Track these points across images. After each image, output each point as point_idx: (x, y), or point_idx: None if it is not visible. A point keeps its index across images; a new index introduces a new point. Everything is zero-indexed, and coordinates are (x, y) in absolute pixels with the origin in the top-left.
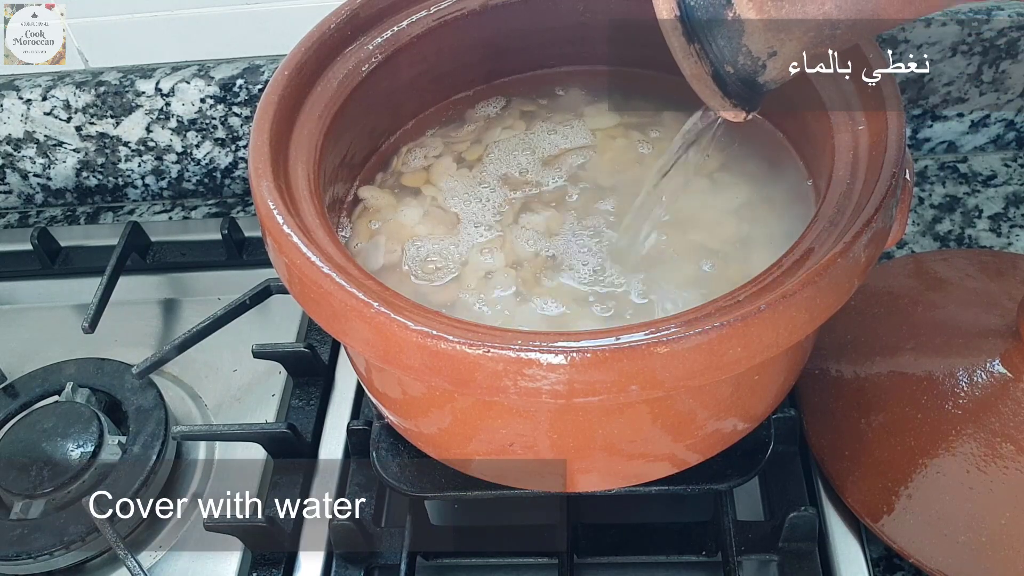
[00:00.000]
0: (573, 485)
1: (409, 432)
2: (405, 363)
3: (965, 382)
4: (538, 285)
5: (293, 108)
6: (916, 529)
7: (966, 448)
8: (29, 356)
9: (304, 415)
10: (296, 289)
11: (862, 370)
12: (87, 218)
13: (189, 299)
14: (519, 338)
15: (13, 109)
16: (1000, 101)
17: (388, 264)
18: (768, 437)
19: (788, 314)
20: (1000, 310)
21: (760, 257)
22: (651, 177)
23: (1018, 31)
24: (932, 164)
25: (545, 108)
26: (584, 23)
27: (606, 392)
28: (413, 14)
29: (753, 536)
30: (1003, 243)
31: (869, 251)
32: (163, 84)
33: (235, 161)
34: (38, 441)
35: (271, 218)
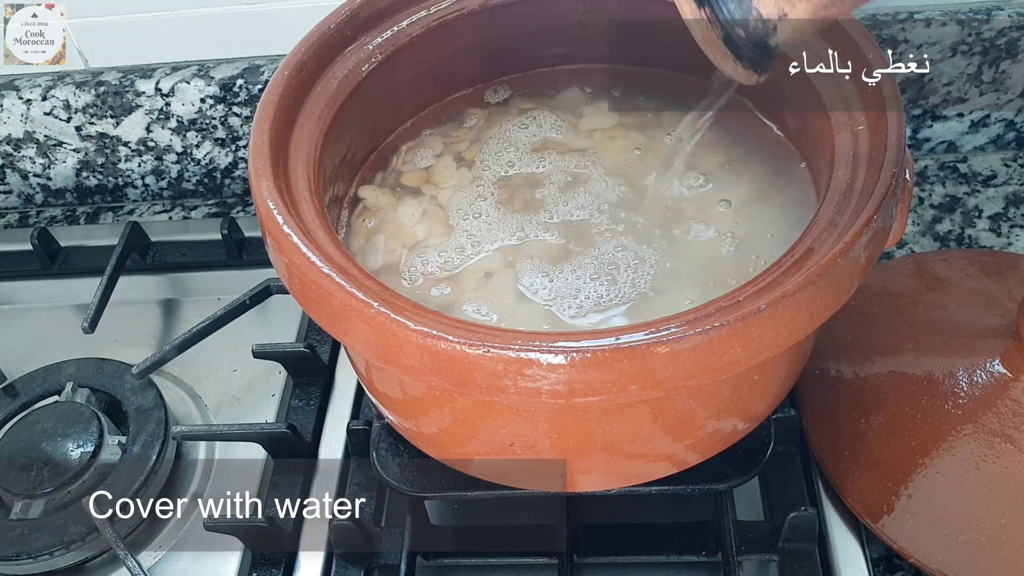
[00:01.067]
0: (573, 485)
1: (409, 432)
2: (405, 363)
3: (965, 382)
4: (539, 286)
5: (293, 108)
6: (916, 529)
7: (966, 448)
8: (29, 356)
9: (304, 415)
10: (296, 289)
11: (862, 370)
12: (87, 218)
13: (189, 299)
14: (519, 338)
15: (13, 109)
16: (1000, 101)
17: (387, 264)
18: (768, 437)
19: (788, 314)
20: (1000, 310)
21: (760, 257)
22: (659, 165)
23: (1018, 31)
24: (932, 164)
25: (545, 107)
26: (584, 23)
27: (606, 392)
28: (413, 14)
29: (753, 536)
30: (1003, 243)
31: (869, 251)
32: (163, 84)
33: (235, 161)
34: (38, 441)
35: (271, 218)
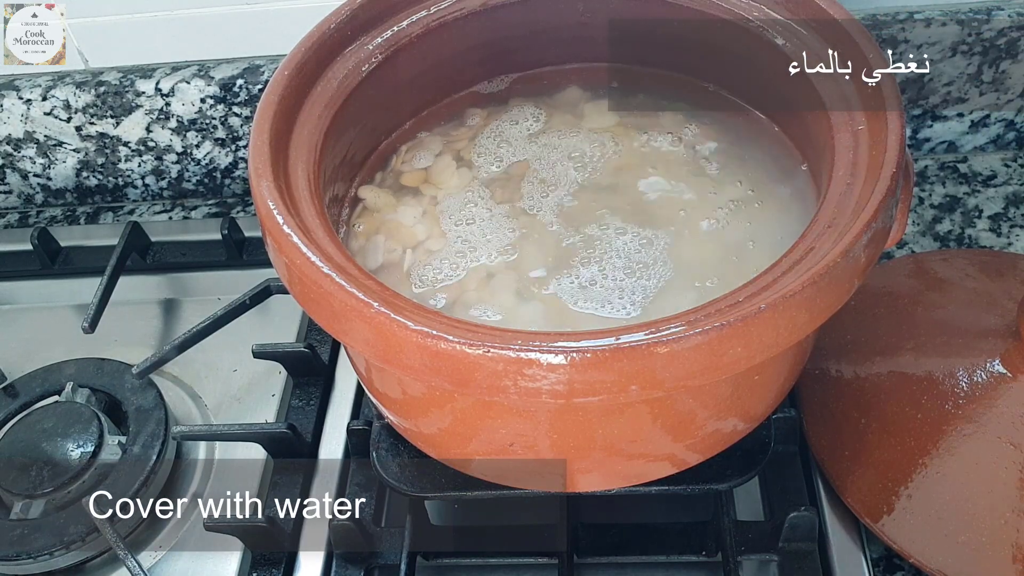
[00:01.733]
0: (573, 485)
1: (409, 432)
2: (405, 363)
3: (965, 382)
4: (540, 287)
5: (293, 108)
6: (916, 529)
7: (966, 448)
8: (29, 356)
9: (304, 415)
10: (296, 289)
11: (862, 370)
12: (87, 218)
13: (189, 299)
14: (519, 338)
15: (13, 109)
16: (1000, 101)
17: (387, 263)
18: (768, 437)
19: (788, 314)
20: (1000, 310)
21: (760, 257)
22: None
23: (1018, 31)
24: (932, 164)
25: (545, 106)
26: (584, 22)
27: (606, 392)
28: (413, 14)
29: (753, 536)
30: (1003, 243)
31: (869, 251)
32: (163, 84)
33: (235, 161)
34: (38, 441)
35: (271, 218)
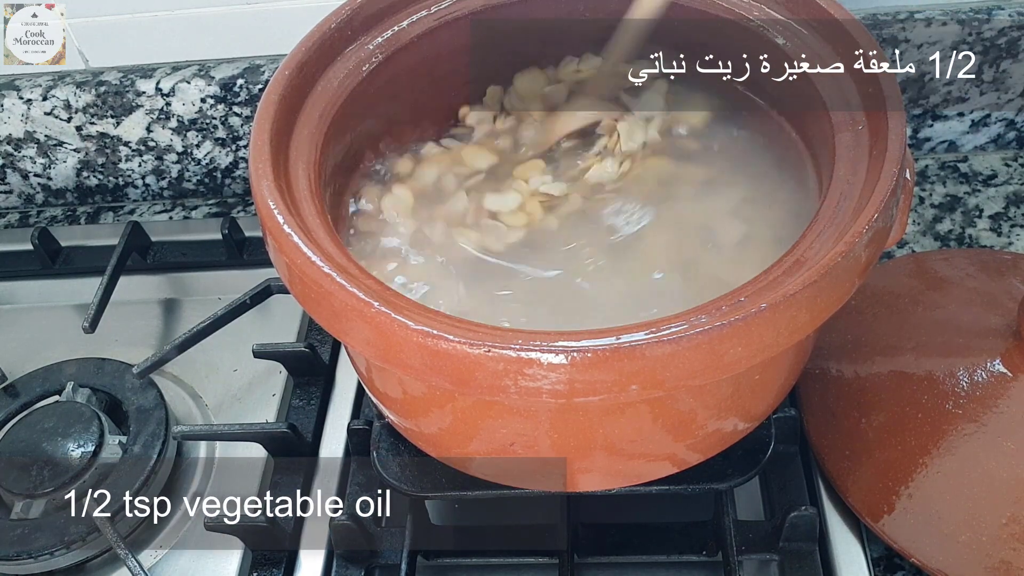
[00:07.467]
0: (573, 485)
1: (409, 432)
2: (405, 363)
3: (965, 382)
4: (541, 281)
5: (293, 108)
6: (916, 529)
7: (966, 448)
8: (29, 356)
9: (304, 415)
10: (296, 289)
11: (862, 370)
12: (87, 218)
13: (189, 299)
14: (519, 337)
15: (13, 109)
16: (1001, 101)
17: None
18: (768, 437)
19: (789, 314)
20: (1000, 310)
21: (760, 256)
22: None
23: (1018, 31)
24: (932, 164)
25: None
26: (584, 22)
27: (606, 392)
28: (413, 14)
29: (753, 536)
30: (1003, 243)
31: (869, 251)
32: (163, 84)
33: (235, 161)
34: (38, 441)
35: (271, 218)
